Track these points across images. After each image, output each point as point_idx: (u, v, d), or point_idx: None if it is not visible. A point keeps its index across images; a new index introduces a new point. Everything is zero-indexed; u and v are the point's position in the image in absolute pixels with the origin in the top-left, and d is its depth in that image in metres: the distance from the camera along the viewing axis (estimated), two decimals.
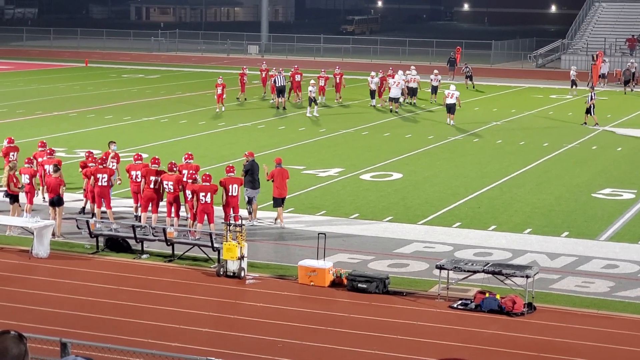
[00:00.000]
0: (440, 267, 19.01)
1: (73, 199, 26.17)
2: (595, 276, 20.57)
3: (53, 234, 22.28)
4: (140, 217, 23.69)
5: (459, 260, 19.97)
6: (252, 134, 39.51)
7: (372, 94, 48.66)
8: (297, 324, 17.53)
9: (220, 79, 46.08)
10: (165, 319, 17.44)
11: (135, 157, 24.59)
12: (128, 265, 21.04)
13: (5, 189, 24.20)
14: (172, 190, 23.11)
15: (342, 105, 49.14)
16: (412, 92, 49.58)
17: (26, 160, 24.97)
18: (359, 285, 19.23)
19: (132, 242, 21.90)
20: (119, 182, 25.23)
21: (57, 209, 23.03)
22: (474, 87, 58.75)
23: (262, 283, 19.88)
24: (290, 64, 55.57)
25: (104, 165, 24.01)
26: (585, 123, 43.32)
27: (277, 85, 46.91)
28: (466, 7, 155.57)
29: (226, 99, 45.74)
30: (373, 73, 49.44)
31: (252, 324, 17.34)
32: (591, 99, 43.23)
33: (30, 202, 24.22)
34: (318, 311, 18.14)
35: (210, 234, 21.03)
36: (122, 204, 25.83)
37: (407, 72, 50.02)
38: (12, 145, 27.53)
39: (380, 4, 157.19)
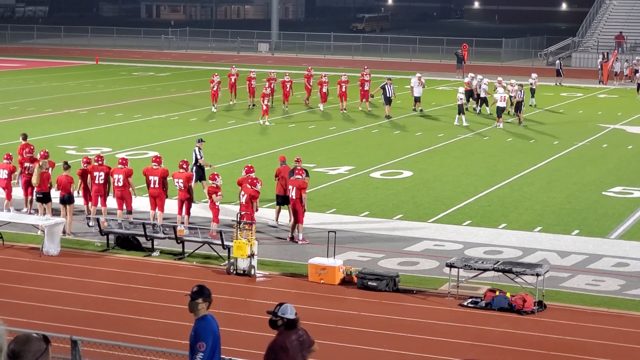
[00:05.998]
0: (451, 265, 19.00)
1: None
2: (606, 274, 20.52)
3: (64, 232, 22.34)
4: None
5: (469, 258, 19.95)
6: (262, 132, 39.51)
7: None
8: (307, 321, 17.48)
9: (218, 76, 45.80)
10: (176, 317, 17.45)
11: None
12: (138, 263, 21.07)
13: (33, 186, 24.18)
14: (182, 188, 23.14)
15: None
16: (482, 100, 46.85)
17: (5, 156, 24.93)
18: (369, 283, 19.23)
19: (142, 239, 21.96)
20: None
21: (67, 206, 23.08)
22: (561, 84, 59.44)
23: (272, 281, 19.90)
24: (300, 62, 55.48)
25: (100, 163, 23.98)
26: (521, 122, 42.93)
27: (386, 95, 44.38)
28: (476, 4, 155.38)
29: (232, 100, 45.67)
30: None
31: (262, 321, 17.31)
32: (521, 95, 42.73)
33: (9, 197, 24.49)
34: (328, 309, 18.14)
35: (221, 232, 21.04)
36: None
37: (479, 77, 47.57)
38: None
39: (390, 1, 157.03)
